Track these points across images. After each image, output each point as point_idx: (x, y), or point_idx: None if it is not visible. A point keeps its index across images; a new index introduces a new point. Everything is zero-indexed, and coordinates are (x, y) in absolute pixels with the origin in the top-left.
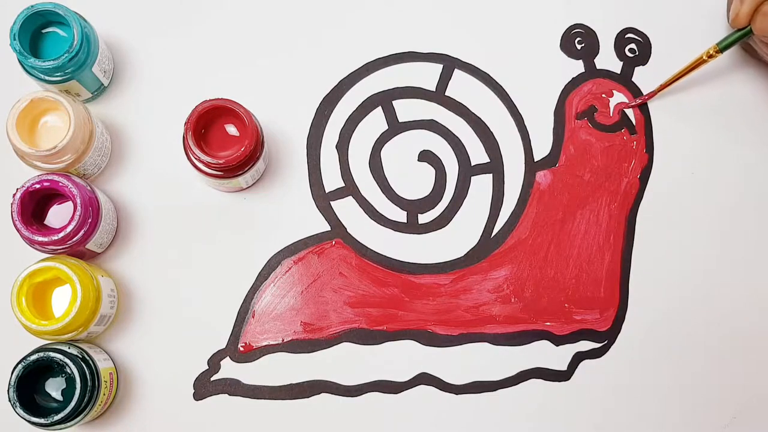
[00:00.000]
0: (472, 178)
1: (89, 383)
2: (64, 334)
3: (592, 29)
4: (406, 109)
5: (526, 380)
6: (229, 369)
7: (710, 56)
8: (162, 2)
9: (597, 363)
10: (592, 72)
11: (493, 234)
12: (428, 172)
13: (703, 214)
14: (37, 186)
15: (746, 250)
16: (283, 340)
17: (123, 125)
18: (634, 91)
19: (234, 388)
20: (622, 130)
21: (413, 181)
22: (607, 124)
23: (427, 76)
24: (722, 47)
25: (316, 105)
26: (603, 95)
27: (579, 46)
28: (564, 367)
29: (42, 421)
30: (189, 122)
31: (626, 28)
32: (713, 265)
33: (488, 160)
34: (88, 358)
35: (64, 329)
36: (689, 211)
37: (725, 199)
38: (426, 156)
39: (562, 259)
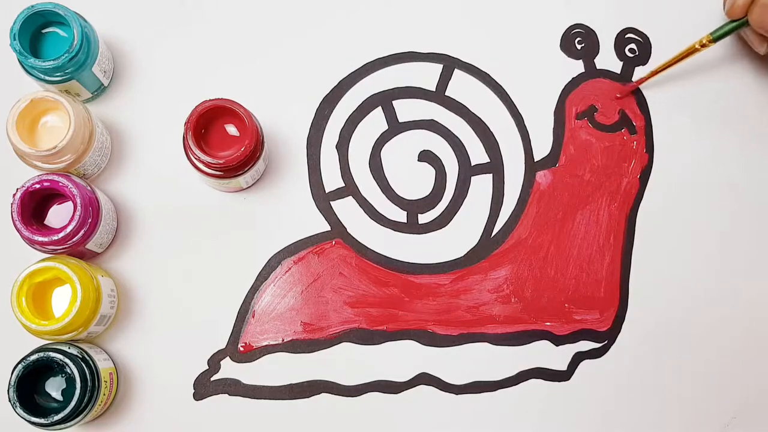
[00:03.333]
0: (472, 178)
1: (89, 383)
2: (64, 334)
3: (592, 29)
4: (406, 109)
5: (526, 380)
6: (229, 369)
7: (703, 45)
8: (162, 2)
9: (597, 363)
10: (592, 72)
11: (493, 234)
12: (428, 172)
13: (703, 213)
14: (37, 186)
15: (746, 250)
16: (283, 340)
17: (123, 125)
18: (636, 93)
19: (234, 388)
20: (622, 130)
21: (413, 181)
22: (607, 124)
23: (427, 76)
24: (716, 37)
25: (316, 105)
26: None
27: (579, 46)
28: (564, 367)
29: (42, 421)
30: (189, 122)
31: (626, 28)
32: (713, 265)
33: (488, 160)
34: (88, 358)
35: (64, 329)
36: (689, 211)
37: (725, 199)
38: (426, 156)
39: (562, 259)
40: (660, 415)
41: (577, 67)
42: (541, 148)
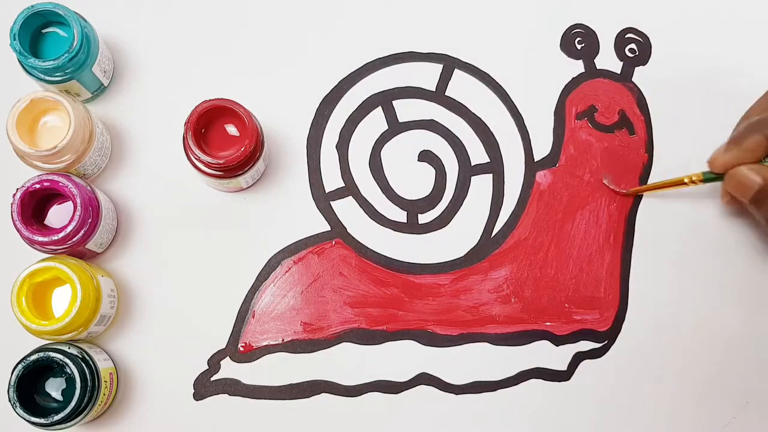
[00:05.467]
0: (472, 178)
1: (89, 383)
2: (64, 334)
3: (592, 29)
4: (406, 109)
5: (526, 380)
6: (229, 369)
7: (692, 182)
8: (162, 2)
9: (597, 363)
10: (592, 72)
11: (493, 234)
12: (428, 172)
13: (703, 213)
14: (37, 186)
15: (746, 249)
16: (283, 340)
17: (123, 125)
18: (636, 93)
19: (234, 388)
20: (622, 130)
21: (413, 181)
22: (607, 124)
23: (427, 76)
24: (706, 179)
25: (316, 105)
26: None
27: (579, 46)
28: (564, 367)
29: (42, 421)
30: (189, 122)
31: (626, 28)
32: (713, 265)
33: (488, 160)
34: (88, 358)
35: (64, 329)
36: (689, 210)
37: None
38: (426, 156)
39: (562, 259)
40: (660, 415)
41: (577, 67)
42: (541, 148)
